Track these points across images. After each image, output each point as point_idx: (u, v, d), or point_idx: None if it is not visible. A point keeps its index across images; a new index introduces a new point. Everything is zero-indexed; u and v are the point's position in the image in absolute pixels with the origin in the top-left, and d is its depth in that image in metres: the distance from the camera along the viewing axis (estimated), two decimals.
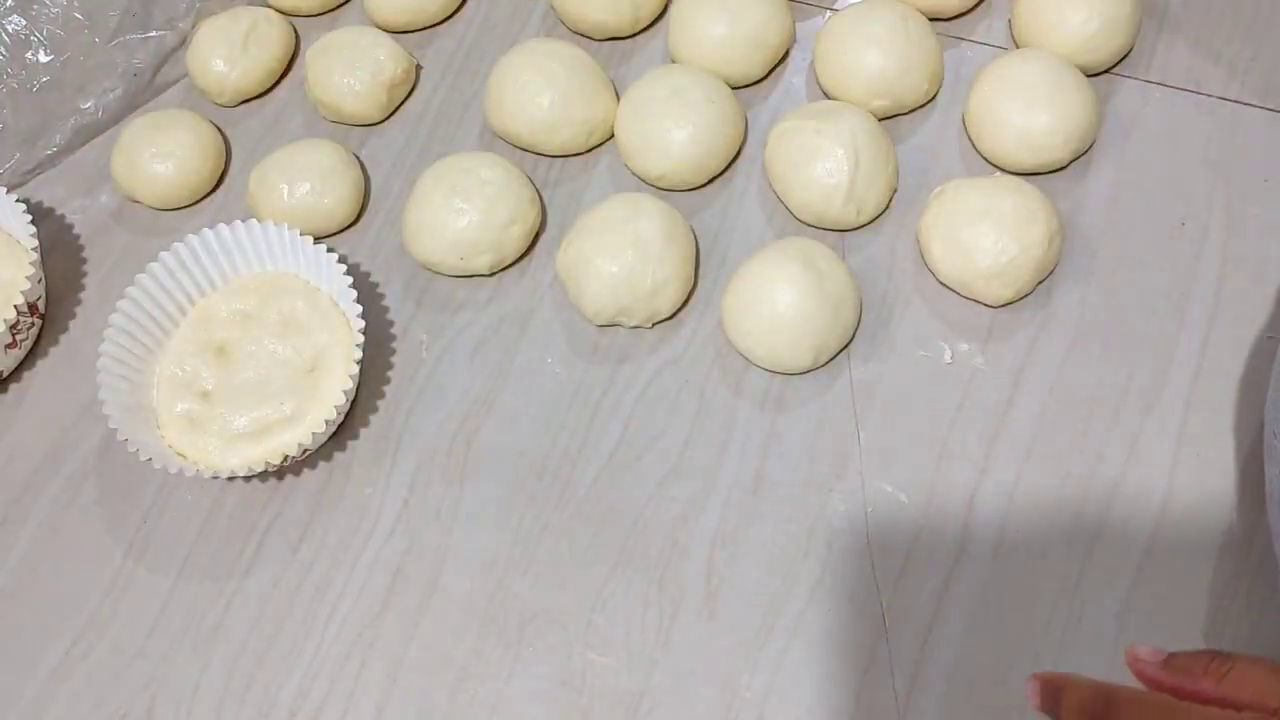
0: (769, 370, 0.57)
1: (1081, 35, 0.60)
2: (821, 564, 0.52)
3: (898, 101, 0.62)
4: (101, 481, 0.58)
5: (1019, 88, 0.59)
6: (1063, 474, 0.53)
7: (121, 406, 0.55)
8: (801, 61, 0.67)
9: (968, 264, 0.56)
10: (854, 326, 0.57)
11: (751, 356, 0.56)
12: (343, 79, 0.65)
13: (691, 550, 0.53)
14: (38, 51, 0.67)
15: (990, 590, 0.51)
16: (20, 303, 0.59)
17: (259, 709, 0.52)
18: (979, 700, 0.49)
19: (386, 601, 0.54)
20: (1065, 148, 0.59)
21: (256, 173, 0.64)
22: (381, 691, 0.52)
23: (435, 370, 0.59)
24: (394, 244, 0.64)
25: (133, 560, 0.56)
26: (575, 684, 0.51)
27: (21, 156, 0.67)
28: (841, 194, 0.58)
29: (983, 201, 0.56)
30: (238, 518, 0.57)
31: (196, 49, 0.68)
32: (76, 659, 0.54)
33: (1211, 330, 0.56)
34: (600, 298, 0.57)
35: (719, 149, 0.61)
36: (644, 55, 0.68)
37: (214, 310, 0.60)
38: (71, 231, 0.66)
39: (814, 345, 0.55)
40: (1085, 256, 0.58)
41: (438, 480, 0.56)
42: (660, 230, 0.57)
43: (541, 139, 0.64)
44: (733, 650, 0.51)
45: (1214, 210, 0.59)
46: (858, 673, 0.50)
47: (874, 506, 0.53)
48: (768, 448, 0.55)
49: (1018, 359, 0.56)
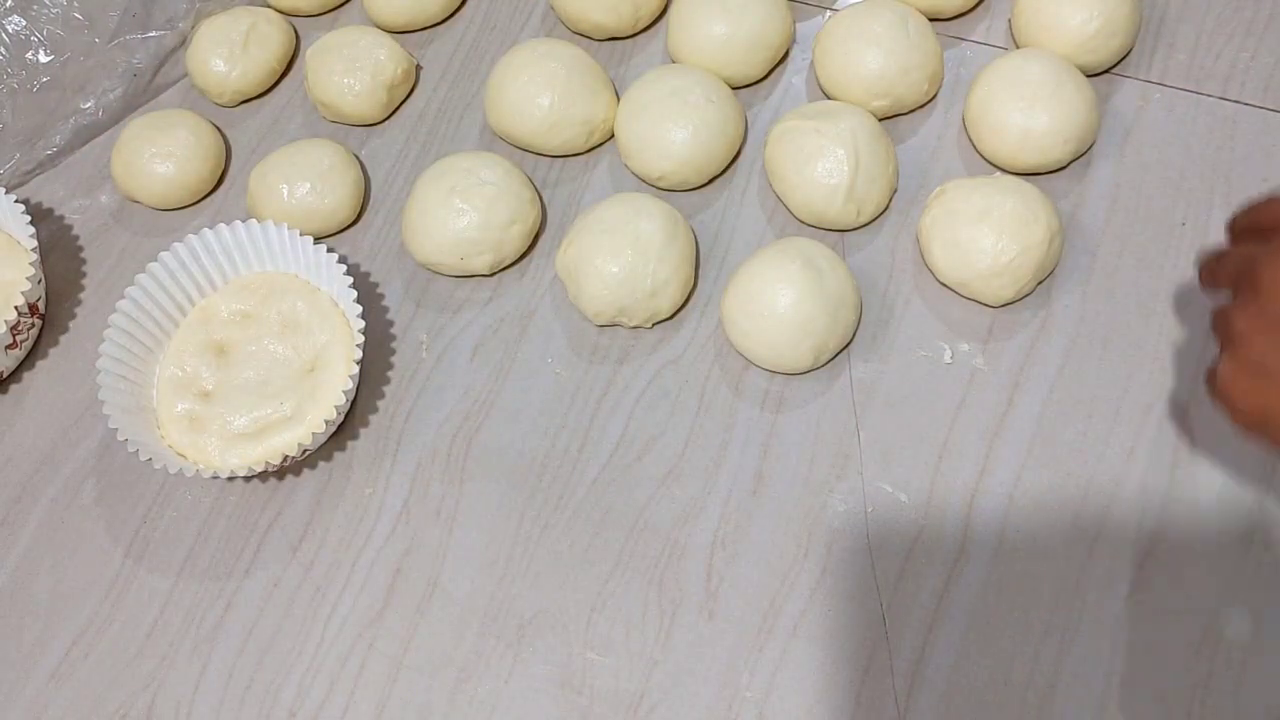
0: (769, 370, 0.57)
1: (1081, 35, 0.61)
2: (821, 564, 0.52)
3: (898, 101, 0.62)
4: (101, 481, 0.58)
5: (1019, 88, 0.59)
6: (1063, 474, 0.53)
7: (121, 406, 0.55)
8: (801, 61, 0.67)
9: (968, 264, 0.56)
10: (854, 326, 0.57)
11: (751, 356, 0.56)
12: (343, 79, 0.65)
13: (691, 550, 0.53)
14: (38, 51, 0.67)
15: (990, 590, 0.51)
16: (20, 303, 0.59)
17: (259, 709, 0.52)
18: (979, 700, 0.49)
19: (386, 601, 0.54)
20: (1065, 148, 0.59)
21: (256, 173, 0.64)
22: (381, 691, 0.52)
23: (435, 370, 0.59)
24: (394, 244, 0.64)
25: (133, 560, 0.56)
26: (575, 684, 0.51)
27: (21, 156, 0.67)
28: (841, 194, 0.58)
29: (983, 201, 0.56)
30: (238, 518, 0.57)
31: (196, 49, 0.68)
32: (76, 659, 0.54)
33: (1211, 330, 0.56)
34: (600, 298, 0.57)
35: (719, 149, 0.61)
36: (644, 55, 0.68)
37: (214, 310, 0.60)
38: (71, 232, 0.66)
39: (814, 345, 0.55)
40: (1085, 256, 0.58)
41: (438, 480, 0.56)
42: (660, 230, 0.57)
43: (541, 139, 0.64)
44: (733, 650, 0.51)
45: (1214, 210, 0.59)
46: (858, 673, 0.50)
47: (874, 506, 0.53)
48: (768, 448, 0.55)
49: (1018, 359, 0.56)
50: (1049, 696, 0.49)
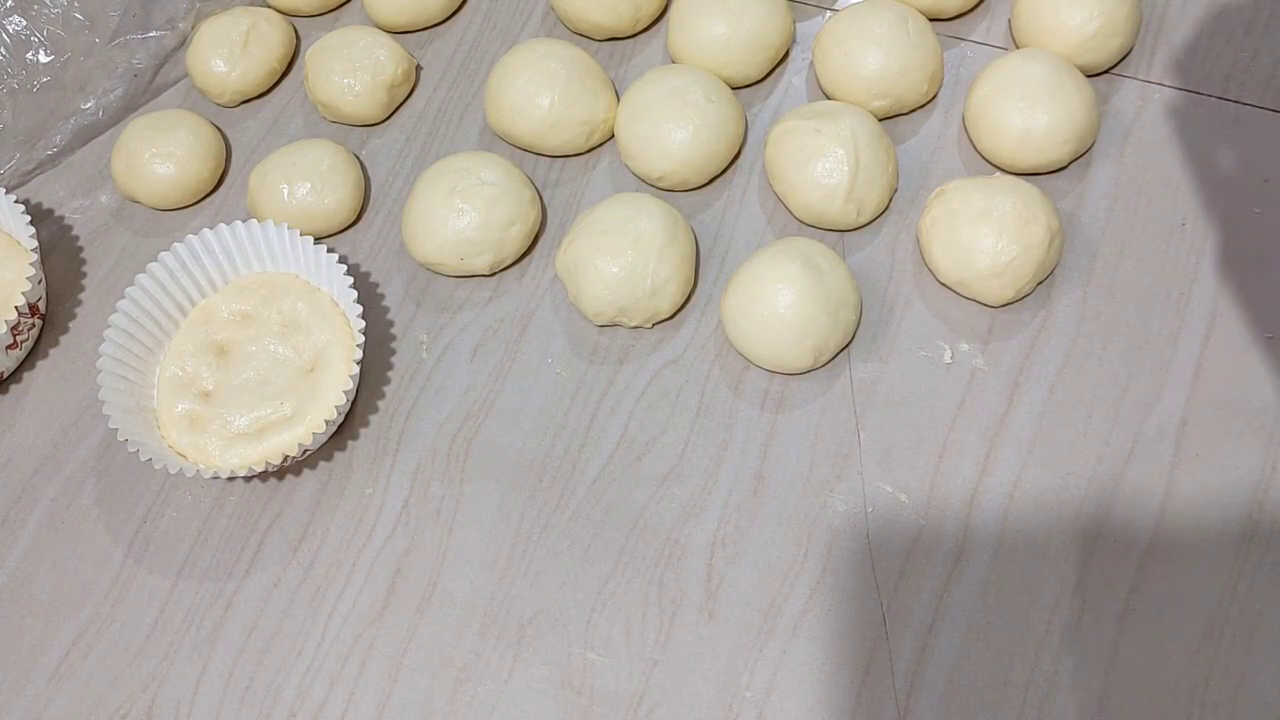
0: (769, 370, 0.57)
1: (1081, 35, 0.61)
2: (821, 564, 0.52)
3: (898, 101, 0.62)
4: (101, 481, 0.58)
5: (1019, 88, 0.59)
6: (1063, 474, 0.53)
7: (121, 406, 0.55)
8: (801, 61, 0.67)
9: (968, 264, 0.56)
10: (854, 326, 0.57)
11: (751, 356, 0.56)
12: (343, 79, 0.65)
13: (691, 550, 0.53)
14: (38, 52, 0.67)
15: (990, 590, 0.51)
16: (20, 303, 0.59)
17: (259, 709, 0.52)
18: (979, 700, 0.49)
19: (386, 601, 0.54)
20: (1065, 148, 0.59)
21: (256, 173, 0.64)
22: (381, 691, 0.52)
23: (435, 370, 0.59)
24: (394, 244, 0.64)
25: (133, 560, 0.56)
26: (575, 684, 0.51)
27: (21, 157, 0.67)
28: (841, 194, 0.58)
29: (983, 201, 0.56)
30: (238, 518, 0.57)
31: (196, 49, 0.68)
32: (76, 659, 0.54)
33: (1211, 330, 0.56)
34: (600, 298, 0.57)
35: (719, 149, 0.61)
36: (644, 55, 0.68)
37: (214, 310, 0.60)
38: (71, 232, 0.66)
39: (814, 345, 0.55)
40: (1085, 256, 0.58)
41: (438, 480, 0.56)
42: (660, 230, 0.57)
43: (541, 139, 0.64)
44: (733, 650, 0.51)
45: (1214, 210, 0.59)
46: (858, 673, 0.50)
47: (874, 506, 0.53)
48: (768, 448, 0.55)
49: (1018, 359, 0.56)
50: (1049, 696, 0.49)
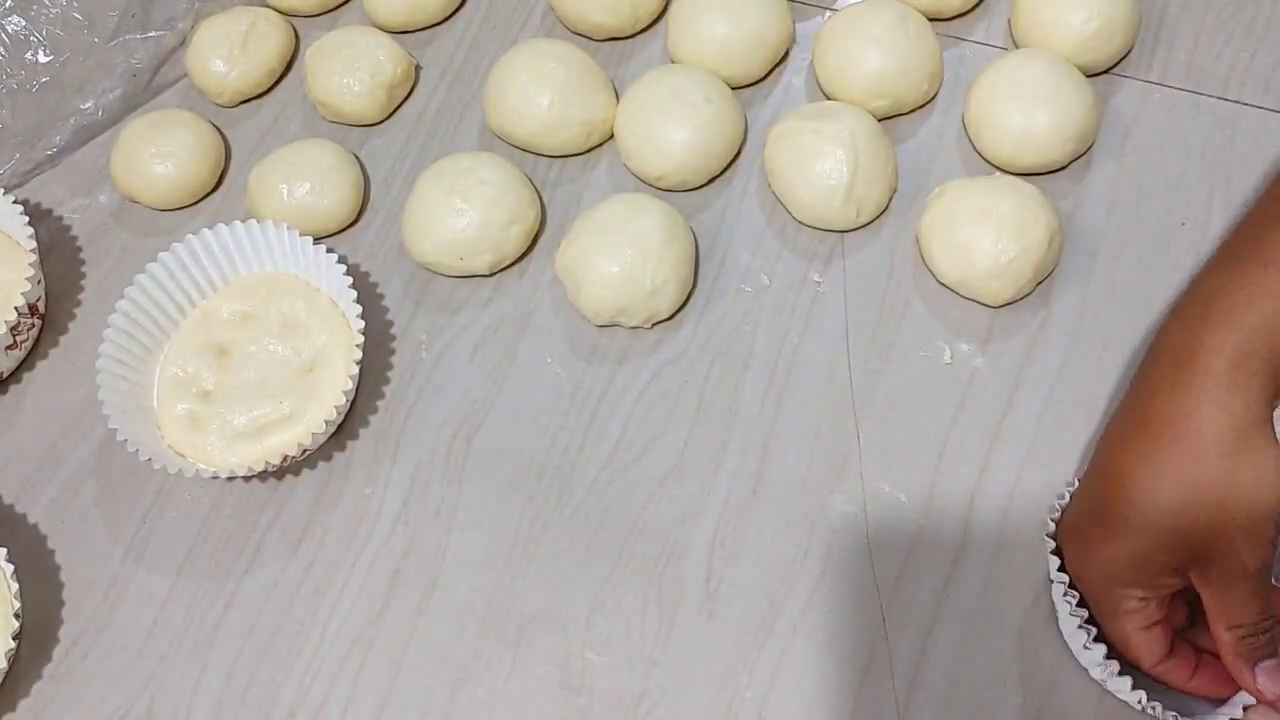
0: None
1: (1081, 35, 0.60)
2: (821, 564, 0.52)
3: (898, 101, 0.62)
4: (101, 481, 0.58)
5: (1019, 88, 0.59)
6: (1063, 474, 0.53)
7: (121, 406, 0.55)
8: (801, 61, 0.67)
9: (968, 264, 0.56)
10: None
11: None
12: (342, 79, 0.65)
13: (691, 550, 0.53)
14: (37, 51, 0.67)
15: (990, 590, 0.51)
16: (20, 304, 0.59)
17: (259, 709, 0.52)
18: (979, 700, 0.49)
19: (386, 602, 0.54)
20: (1065, 148, 0.59)
21: (256, 173, 0.64)
22: (381, 691, 0.52)
23: (435, 370, 0.59)
24: (394, 244, 0.64)
25: (132, 560, 0.56)
26: (575, 684, 0.51)
27: (21, 157, 0.67)
28: (841, 194, 0.58)
29: (983, 202, 0.56)
30: (238, 518, 0.57)
31: (196, 49, 0.68)
32: (76, 659, 0.54)
33: None
34: (600, 298, 0.57)
35: (718, 149, 0.61)
36: (644, 55, 0.68)
37: (214, 310, 0.60)
38: (70, 232, 0.66)
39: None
40: (1085, 256, 0.58)
41: (437, 480, 0.56)
42: (660, 230, 0.57)
43: (541, 139, 0.64)
44: (733, 650, 0.51)
45: (1214, 210, 0.59)
46: (858, 673, 0.50)
47: (874, 506, 0.53)
48: (768, 448, 0.55)
49: (1018, 359, 0.56)
50: (1049, 696, 0.49)
